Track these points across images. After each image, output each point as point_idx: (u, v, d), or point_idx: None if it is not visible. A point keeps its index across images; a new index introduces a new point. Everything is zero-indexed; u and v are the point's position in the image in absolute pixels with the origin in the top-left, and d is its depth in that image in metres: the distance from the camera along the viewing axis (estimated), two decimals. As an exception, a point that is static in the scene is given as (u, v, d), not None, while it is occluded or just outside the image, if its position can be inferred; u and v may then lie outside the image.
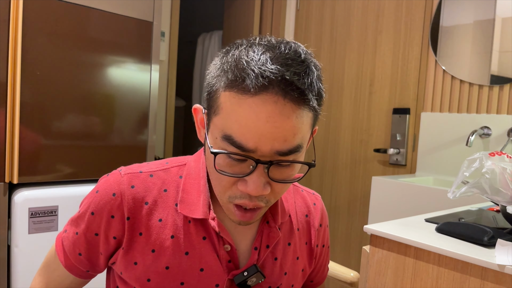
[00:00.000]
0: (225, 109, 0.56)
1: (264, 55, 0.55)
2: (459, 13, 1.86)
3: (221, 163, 0.58)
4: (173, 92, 2.72)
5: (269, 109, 0.53)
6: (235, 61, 0.56)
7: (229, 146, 0.56)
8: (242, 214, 0.62)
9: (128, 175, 0.68)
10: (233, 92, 0.55)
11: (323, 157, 2.40)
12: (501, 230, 0.86)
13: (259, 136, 0.54)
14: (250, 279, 0.67)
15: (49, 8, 1.47)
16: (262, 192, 0.58)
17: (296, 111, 0.55)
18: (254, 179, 0.57)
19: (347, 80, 2.29)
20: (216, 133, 0.58)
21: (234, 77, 0.55)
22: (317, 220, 0.80)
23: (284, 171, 0.59)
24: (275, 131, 0.54)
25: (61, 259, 0.73)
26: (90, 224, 0.68)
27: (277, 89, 0.53)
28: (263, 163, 0.56)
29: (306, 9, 2.52)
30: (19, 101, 1.42)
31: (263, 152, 0.55)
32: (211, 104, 0.60)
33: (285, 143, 0.55)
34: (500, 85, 1.73)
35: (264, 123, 0.54)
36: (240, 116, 0.54)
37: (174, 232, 0.67)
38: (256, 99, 0.54)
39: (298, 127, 0.56)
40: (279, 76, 0.53)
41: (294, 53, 0.56)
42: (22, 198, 1.44)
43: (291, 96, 0.54)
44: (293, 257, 0.75)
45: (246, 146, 0.55)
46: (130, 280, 0.68)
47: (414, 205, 1.63)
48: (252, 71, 0.54)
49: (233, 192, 0.60)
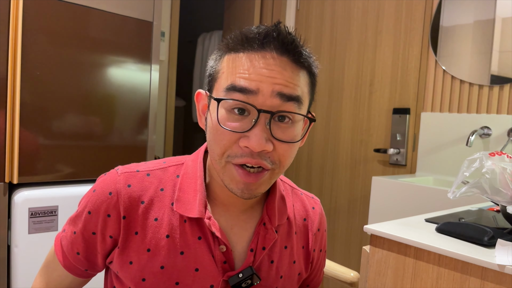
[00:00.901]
0: (227, 68, 0.61)
1: (260, 28, 0.62)
2: (459, 13, 1.86)
3: (223, 118, 0.60)
4: (173, 92, 2.71)
5: (268, 62, 0.59)
6: (235, 34, 0.62)
7: (232, 94, 0.59)
8: (246, 174, 0.60)
9: (125, 174, 0.68)
10: (233, 53, 0.61)
11: (323, 157, 2.40)
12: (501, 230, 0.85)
13: (260, 79, 0.58)
14: (245, 281, 0.66)
15: (49, 8, 1.47)
16: (265, 147, 0.58)
17: (292, 67, 0.60)
18: (256, 132, 0.58)
19: (347, 80, 2.29)
20: (218, 94, 0.61)
21: (234, 42, 0.61)
22: (315, 225, 0.79)
23: (285, 130, 0.61)
24: (275, 75, 0.59)
25: (60, 258, 0.73)
26: (87, 223, 0.68)
27: (273, 46, 0.59)
28: (265, 112, 0.58)
29: (306, 9, 2.52)
30: (19, 102, 1.42)
31: (265, 95, 0.58)
32: (212, 79, 0.64)
33: (286, 88, 0.59)
34: (500, 85, 1.73)
35: (263, 69, 0.58)
36: (240, 68, 0.59)
37: (170, 232, 0.66)
38: (255, 54, 0.59)
39: (297, 80, 0.61)
40: (276, 31, 0.60)
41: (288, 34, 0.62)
42: (22, 198, 1.44)
43: (288, 55, 0.60)
44: (289, 260, 0.75)
45: (248, 87, 0.58)
46: (125, 279, 0.67)
47: (414, 205, 1.63)
48: (250, 33, 0.60)
49: (233, 151, 0.60)
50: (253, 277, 0.67)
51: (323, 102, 2.40)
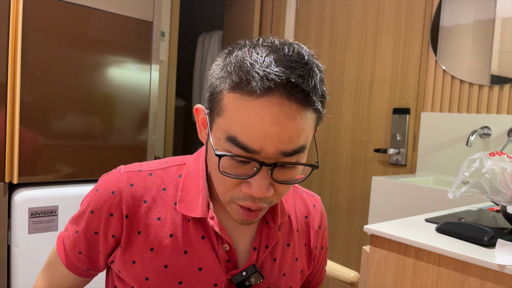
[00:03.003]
0: (229, 110, 0.56)
1: (268, 57, 0.55)
2: (459, 13, 1.86)
3: (225, 165, 0.58)
4: (173, 92, 2.71)
5: (275, 111, 0.54)
6: (239, 63, 0.56)
7: (233, 147, 0.56)
8: (246, 214, 0.62)
9: (127, 173, 0.68)
10: (237, 94, 0.55)
11: (323, 157, 2.40)
12: (501, 230, 0.86)
13: (264, 137, 0.54)
14: (248, 279, 0.67)
15: (49, 8, 1.47)
16: (266, 194, 0.58)
17: (301, 112, 0.55)
18: (258, 181, 0.57)
19: (347, 80, 2.29)
20: (219, 134, 0.58)
21: (239, 79, 0.55)
22: (316, 222, 0.80)
23: (287, 172, 0.60)
24: (281, 132, 0.54)
25: (62, 258, 0.73)
26: (90, 223, 0.69)
27: (282, 91, 0.54)
28: (267, 165, 0.56)
29: (306, 9, 2.52)
30: (19, 101, 1.42)
31: (268, 153, 0.55)
32: (214, 105, 0.60)
33: (290, 143, 0.56)
34: (500, 85, 1.73)
35: (269, 124, 0.54)
36: (245, 118, 0.55)
37: (173, 231, 0.67)
38: (262, 101, 0.54)
39: (303, 128, 0.56)
40: (284, 78, 0.53)
41: (298, 55, 0.56)
42: (22, 198, 1.44)
43: (296, 98, 0.54)
44: (292, 258, 0.75)
45: (251, 147, 0.55)
46: (128, 279, 0.68)
47: (414, 205, 1.63)
48: (257, 74, 0.54)
49: (236, 194, 0.61)
50: (257, 275, 0.67)
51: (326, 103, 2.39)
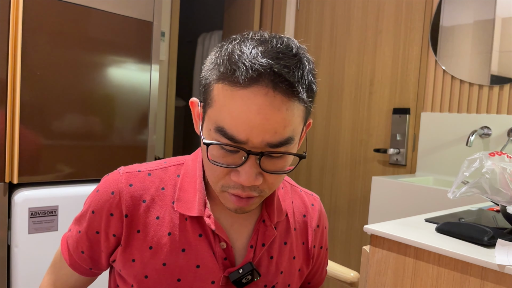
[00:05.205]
0: (218, 101, 0.58)
1: (256, 49, 0.56)
2: (459, 13, 1.86)
3: (215, 154, 0.60)
4: (173, 92, 2.72)
5: (260, 101, 0.55)
6: (228, 55, 0.58)
7: (221, 137, 0.57)
8: (238, 200, 0.62)
9: (127, 174, 0.70)
10: (225, 84, 0.57)
11: (323, 157, 2.40)
12: (501, 230, 0.86)
13: (250, 128, 0.55)
14: (245, 277, 0.68)
15: (49, 8, 1.47)
16: (254, 183, 0.59)
17: (287, 103, 0.56)
18: (246, 169, 0.58)
19: (347, 80, 2.29)
20: (209, 124, 0.60)
21: (226, 70, 0.57)
22: (314, 221, 0.80)
23: (276, 163, 0.60)
24: (266, 123, 0.55)
25: (66, 257, 0.75)
26: (91, 223, 0.70)
27: (267, 81, 0.55)
28: (254, 154, 0.57)
29: (306, 9, 2.52)
30: (19, 101, 1.42)
31: (254, 143, 0.57)
32: (205, 97, 0.61)
33: (276, 135, 0.57)
34: (500, 85, 1.73)
35: (255, 115, 0.55)
36: (231, 109, 0.56)
37: (171, 229, 0.68)
38: (247, 91, 0.55)
39: (289, 120, 0.57)
40: (268, 68, 0.54)
41: (286, 47, 0.58)
42: (22, 198, 1.44)
43: (281, 88, 0.55)
44: (289, 256, 0.76)
45: (237, 138, 0.56)
46: (128, 277, 0.69)
47: (414, 205, 1.63)
48: (243, 64, 0.55)
49: (226, 182, 0.62)
50: (253, 273, 0.68)
51: (323, 102, 2.40)
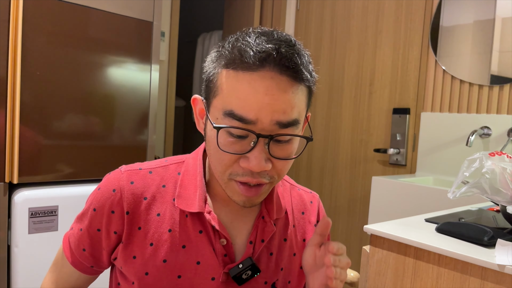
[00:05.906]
0: (225, 88, 0.59)
1: (259, 38, 0.59)
2: (459, 13, 1.86)
3: (223, 142, 0.60)
4: (173, 92, 2.72)
5: (267, 83, 0.57)
6: (233, 45, 0.60)
7: (231, 120, 0.59)
8: (247, 189, 0.63)
9: (128, 171, 0.71)
10: (231, 70, 0.59)
11: (323, 157, 2.40)
12: (501, 230, 0.86)
13: (259, 108, 0.57)
14: (245, 272, 0.68)
15: (49, 8, 1.47)
16: (264, 168, 0.60)
17: (293, 86, 0.59)
18: (255, 154, 0.59)
19: (347, 80, 2.29)
20: (216, 113, 0.61)
21: (233, 56, 0.59)
22: (313, 217, 0.81)
23: (284, 148, 0.62)
24: (274, 103, 0.58)
25: (68, 255, 0.75)
26: (93, 220, 0.71)
27: (273, 65, 0.57)
28: (263, 136, 0.58)
29: (306, 9, 2.52)
30: (19, 101, 1.42)
31: (264, 123, 0.58)
32: (210, 90, 0.63)
33: (285, 114, 0.59)
34: (500, 85, 1.73)
35: (263, 95, 0.57)
36: (239, 92, 0.58)
37: (172, 226, 0.69)
38: (254, 75, 0.57)
39: (295, 102, 0.60)
40: (274, 50, 0.57)
41: (286, 38, 0.61)
42: (22, 198, 1.44)
43: (287, 72, 0.58)
44: (289, 253, 0.76)
45: (247, 118, 0.58)
46: (129, 274, 0.69)
47: (414, 205, 1.63)
48: (250, 49, 0.58)
49: (234, 170, 0.62)
50: (253, 268, 0.69)
51: (323, 102, 2.40)
